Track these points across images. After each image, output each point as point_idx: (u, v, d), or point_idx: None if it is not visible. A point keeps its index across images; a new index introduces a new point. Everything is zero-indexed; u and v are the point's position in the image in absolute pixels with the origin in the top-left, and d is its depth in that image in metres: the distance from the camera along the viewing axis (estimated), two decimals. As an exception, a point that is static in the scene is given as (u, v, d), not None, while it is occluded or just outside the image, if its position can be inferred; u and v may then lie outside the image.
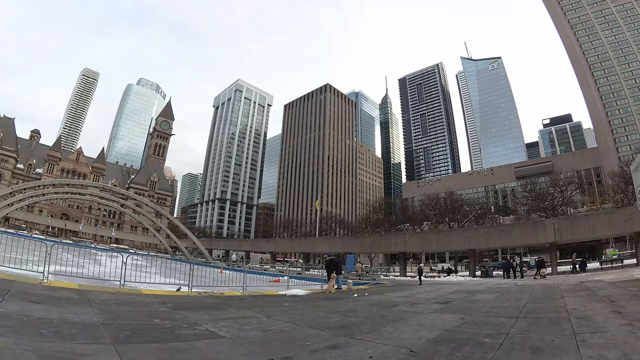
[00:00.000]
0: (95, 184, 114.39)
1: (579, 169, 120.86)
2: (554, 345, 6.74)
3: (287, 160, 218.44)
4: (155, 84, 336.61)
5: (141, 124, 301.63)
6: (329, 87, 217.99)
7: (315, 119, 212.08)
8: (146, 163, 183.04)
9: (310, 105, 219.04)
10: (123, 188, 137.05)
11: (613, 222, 45.99)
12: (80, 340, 6.04)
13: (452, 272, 61.33)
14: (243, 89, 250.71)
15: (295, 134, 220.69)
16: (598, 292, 15.84)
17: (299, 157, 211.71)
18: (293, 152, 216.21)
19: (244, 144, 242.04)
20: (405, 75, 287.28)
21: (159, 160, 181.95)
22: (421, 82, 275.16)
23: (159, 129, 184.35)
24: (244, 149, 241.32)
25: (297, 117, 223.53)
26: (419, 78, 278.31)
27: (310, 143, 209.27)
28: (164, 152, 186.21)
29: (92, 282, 14.98)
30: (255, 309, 12.27)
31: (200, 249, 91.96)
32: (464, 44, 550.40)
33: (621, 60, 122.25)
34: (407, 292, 21.79)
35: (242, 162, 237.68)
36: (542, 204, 75.57)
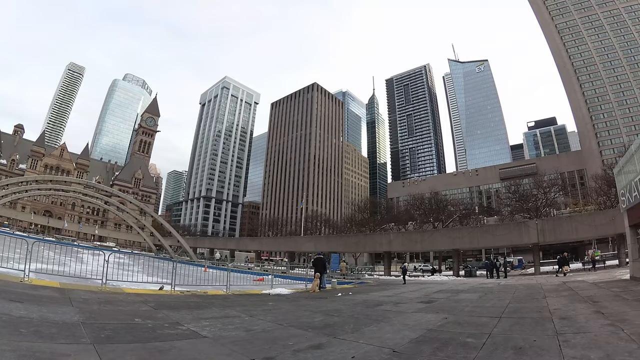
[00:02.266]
0: (79, 180, 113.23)
1: (562, 172, 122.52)
2: (536, 345, 6.78)
3: (273, 158, 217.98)
4: (142, 79, 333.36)
5: (126, 120, 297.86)
6: (316, 86, 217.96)
7: (302, 118, 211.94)
8: (131, 160, 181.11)
9: (297, 103, 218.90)
10: (107, 185, 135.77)
11: (596, 223, 46.72)
12: (60, 340, 5.95)
13: (436, 271, 61.71)
14: (230, 86, 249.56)
15: (281, 133, 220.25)
16: (580, 292, 16.01)
17: (285, 156, 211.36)
18: (279, 151, 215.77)
19: (230, 141, 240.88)
20: (393, 76, 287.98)
21: (144, 157, 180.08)
22: (408, 83, 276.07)
23: (145, 126, 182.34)
24: (229, 146, 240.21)
25: (284, 116, 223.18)
26: (406, 79, 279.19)
27: (296, 142, 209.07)
28: (149, 149, 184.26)
29: (74, 280, 14.75)
30: (238, 308, 12.20)
31: (185, 247, 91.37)
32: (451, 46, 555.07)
33: (607, 65, 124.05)
34: (391, 292, 21.85)
35: (228, 160, 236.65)
36: (526, 205, 76.46)
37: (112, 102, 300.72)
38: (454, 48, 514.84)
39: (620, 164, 23.98)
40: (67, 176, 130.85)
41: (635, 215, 19.98)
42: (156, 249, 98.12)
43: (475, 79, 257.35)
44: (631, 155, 19.95)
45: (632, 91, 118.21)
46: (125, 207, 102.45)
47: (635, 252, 21.09)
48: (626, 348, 6.16)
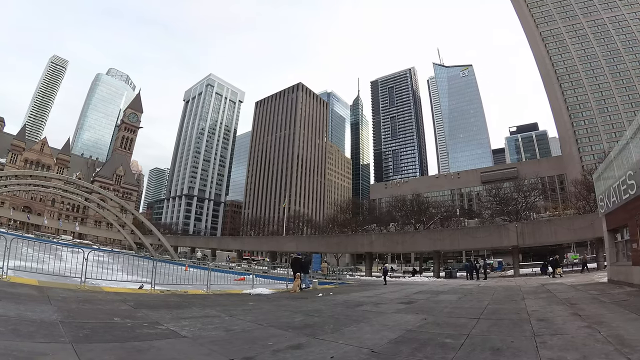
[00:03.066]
0: (59, 176, 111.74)
1: (543, 176, 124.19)
2: (514, 346, 6.88)
3: (256, 157, 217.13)
4: (126, 74, 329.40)
5: (109, 116, 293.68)
6: (301, 86, 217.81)
7: (286, 118, 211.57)
8: (112, 156, 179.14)
9: (282, 103, 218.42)
10: (88, 181, 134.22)
11: (575, 227, 47.59)
12: (38, 339, 5.91)
13: (417, 272, 62.06)
14: (215, 84, 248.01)
15: (265, 132, 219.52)
16: (558, 294, 16.23)
17: (268, 155, 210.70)
18: (263, 150, 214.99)
19: (213, 139, 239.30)
20: (378, 78, 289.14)
21: (126, 153, 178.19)
22: (393, 86, 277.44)
23: (127, 122, 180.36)
24: (213, 145, 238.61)
25: (268, 115, 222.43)
26: (391, 81, 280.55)
27: (280, 141, 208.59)
28: (131, 146, 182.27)
29: (53, 278, 14.55)
30: (218, 308, 12.16)
31: (166, 246, 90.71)
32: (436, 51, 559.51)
33: (589, 73, 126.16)
34: (372, 292, 21.92)
35: (211, 158, 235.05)
36: (506, 208, 77.38)
37: (95, 97, 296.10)
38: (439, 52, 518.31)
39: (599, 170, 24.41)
40: (47, 171, 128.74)
41: (613, 220, 20.37)
42: (137, 247, 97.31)
43: (459, 83, 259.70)
44: (610, 161, 20.33)
45: (613, 99, 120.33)
46: (106, 204, 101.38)
47: (613, 256, 21.48)
48: (603, 350, 6.27)
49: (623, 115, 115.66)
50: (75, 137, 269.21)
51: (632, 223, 16.56)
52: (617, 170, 18.64)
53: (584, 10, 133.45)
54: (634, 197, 15.93)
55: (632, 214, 16.49)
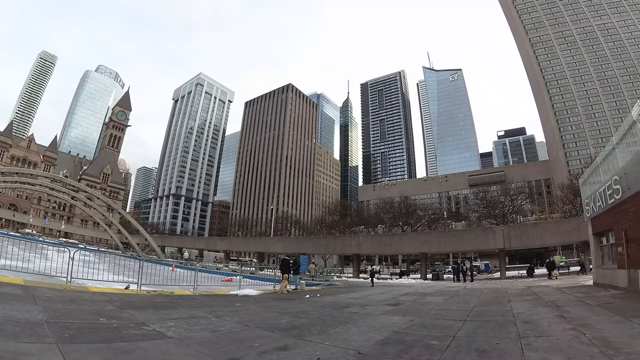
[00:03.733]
0: (46, 174, 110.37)
1: (530, 180, 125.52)
2: (499, 348, 6.92)
3: (245, 158, 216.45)
4: (115, 72, 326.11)
5: (97, 113, 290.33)
6: (291, 87, 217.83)
7: (276, 118, 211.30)
8: (100, 154, 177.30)
9: (272, 104, 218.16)
10: (75, 179, 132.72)
11: (561, 231, 48.21)
12: (23, 339, 5.86)
13: (404, 274, 62.23)
14: (204, 83, 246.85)
15: (254, 132, 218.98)
16: (544, 297, 16.36)
17: (257, 156, 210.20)
18: (251, 150, 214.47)
19: (202, 139, 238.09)
20: (368, 81, 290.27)
21: (114, 151, 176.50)
22: (383, 88, 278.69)
23: (115, 119, 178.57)
24: (201, 144, 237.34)
25: (258, 115, 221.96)
26: (381, 84, 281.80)
27: (269, 142, 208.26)
28: (119, 144, 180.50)
29: (39, 277, 14.40)
30: (205, 308, 12.10)
31: (152, 245, 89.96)
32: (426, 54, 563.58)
33: (577, 79, 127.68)
34: (359, 294, 21.95)
35: (199, 158, 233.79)
36: (493, 211, 77.96)
37: (83, 94, 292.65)
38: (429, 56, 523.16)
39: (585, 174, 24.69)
40: (34, 169, 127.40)
41: (599, 224, 20.62)
42: (123, 247, 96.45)
43: (448, 87, 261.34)
44: (597, 166, 20.57)
45: (600, 105, 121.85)
46: (93, 203, 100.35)
47: (598, 259, 21.73)
48: (587, 352, 6.33)
49: (610, 121, 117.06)
50: (63, 135, 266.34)
51: (618, 227, 16.78)
52: (603, 175, 18.87)
53: (574, 18, 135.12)
54: (619, 201, 16.14)
55: (617, 218, 16.71)
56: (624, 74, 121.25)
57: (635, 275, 14.46)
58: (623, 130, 16.19)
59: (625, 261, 15.62)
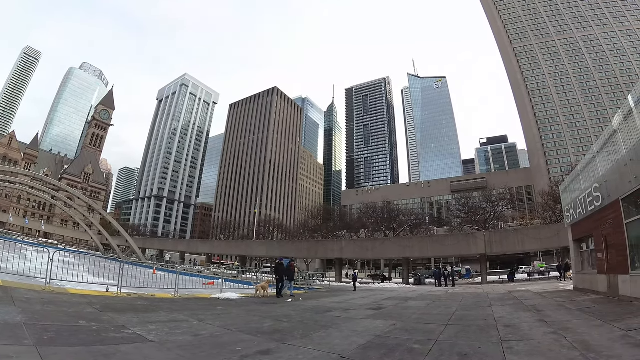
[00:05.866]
0: (26, 172, 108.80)
1: (511, 187, 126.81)
2: (481, 352, 6.98)
3: (228, 160, 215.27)
4: (99, 70, 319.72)
5: (80, 111, 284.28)
6: (277, 91, 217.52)
7: (260, 121, 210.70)
8: (81, 153, 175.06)
9: (256, 106, 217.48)
10: (55, 178, 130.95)
11: (541, 237, 48.76)
12: (1, 341, 5.78)
13: (387, 279, 62.45)
14: (189, 84, 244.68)
15: (238, 135, 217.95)
16: (525, 301, 16.58)
17: (240, 159, 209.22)
18: (235, 153, 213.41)
19: (185, 140, 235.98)
20: (353, 86, 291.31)
21: (96, 151, 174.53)
22: (367, 94, 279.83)
23: (98, 118, 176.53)
24: (185, 146, 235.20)
25: (242, 118, 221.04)
26: (366, 90, 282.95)
27: (253, 145, 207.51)
28: (101, 143, 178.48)
29: (17, 278, 14.15)
30: (186, 312, 12.01)
31: (133, 247, 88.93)
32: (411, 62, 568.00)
33: (559, 89, 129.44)
34: (341, 298, 21.99)
35: (182, 160, 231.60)
36: (475, 217, 78.56)
37: (67, 91, 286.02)
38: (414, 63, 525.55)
39: (566, 182, 25.04)
40: (14, 167, 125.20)
41: (579, 230, 20.94)
42: (104, 248, 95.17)
43: (432, 94, 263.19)
44: (577, 174, 20.88)
45: (582, 114, 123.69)
46: (73, 203, 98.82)
47: (578, 265, 22.05)
48: (568, 355, 6.41)
49: (591, 130, 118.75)
50: (45, 132, 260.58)
51: (597, 233, 17.04)
52: (584, 182, 19.16)
53: (557, 29, 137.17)
54: (599, 208, 16.40)
55: (597, 225, 16.97)
56: (606, 84, 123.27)
57: (615, 280, 14.70)
58: (604, 139, 16.47)
59: (605, 267, 15.87)
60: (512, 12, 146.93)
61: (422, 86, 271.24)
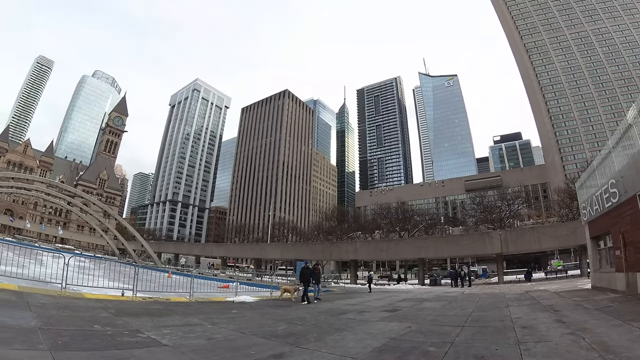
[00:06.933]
0: (42, 179, 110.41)
1: (526, 184, 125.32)
2: (498, 354, 6.88)
3: (241, 164, 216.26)
4: (111, 77, 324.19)
5: (94, 118, 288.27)
6: (288, 93, 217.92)
7: (272, 124, 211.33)
8: (96, 160, 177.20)
9: (268, 110, 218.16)
10: (71, 185, 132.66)
11: (558, 235, 47.94)
12: (15, 346, 5.82)
13: (402, 280, 62.11)
14: (201, 88, 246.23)
15: (251, 138, 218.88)
16: (542, 301, 16.31)
17: (253, 162, 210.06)
18: (248, 156, 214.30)
19: (198, 145, 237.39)
20: (364, 87, 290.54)
21: (110, 157, 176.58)
22: (379, 94, 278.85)
23: (112, 125, 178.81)
24: (198, 150, 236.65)
25: (254, 121, 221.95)
26: (377, 90, 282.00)
27: (265, 148, 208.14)
28: (116, 149, 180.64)
29: (33, 283, 14.32)
30: (200, 315, 12.02)
31: (149, 252, 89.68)
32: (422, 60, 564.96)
33: (572, 84, 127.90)
34: (356, 300, 21.87)
35: (196, 164, 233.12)
36: (490, 216, 77.78)
37: (80, 99, 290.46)
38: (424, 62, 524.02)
39: (582, 178, 24.69)
40: (30, 174, 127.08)
41: (596, 227, 20.60)
42: (119, 253, 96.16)
43: (444, 93, 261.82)
44: (593, 170, 20.57)
45: (595, 109, 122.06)
46: (89, 209, 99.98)
47: (596, 263, 21.69)
48: (586, 357, 6.28)
49: (605, 125, 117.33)
50: (59, 140, 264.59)
51: (615, 230, 16.76)
52: (600, 178, 18.86)
53: (568, 23, 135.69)
54: (616, 205, 16.12)
55: (614, 222, 16.69)
56: (619, 78, 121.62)
57: (634, 278, 14.42)
58: (619, 134, 16.20)
59: (623, 264, 15.59)
60: (521, 7, 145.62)
61: (433, 85, 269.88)
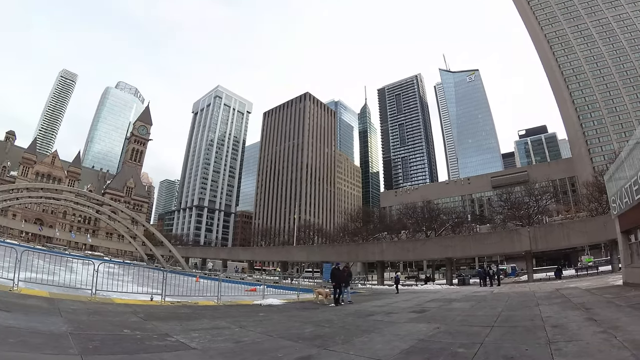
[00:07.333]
0: (70, 188, 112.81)
1: (553, 179, 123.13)
2: (528, 354, 6.76)
3: (265, 168, 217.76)
4: (134, 87, 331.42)
5: (118, 128, 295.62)
6: (309, 96, 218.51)
7: (295, 127, 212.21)
8: (122, 168, 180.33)
9: (290, 113, 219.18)
10: (99, 193, 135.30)
11: (588, 230, 46.69)
12: (47, 351, 5.91)
13: (430, 280, 61.62)
14: (223, 95, 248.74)
15: (274, 142, 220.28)
16: (573, 299, 15.96)
17: (277, 165, 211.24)
18: (272, 160, 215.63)
19: (222, 150, 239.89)
20: (385, 86, 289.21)
21: (136, 165, 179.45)
22: (400, 93, 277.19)
23: (137, 134, 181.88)
24: (222, 155, 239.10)
25: (277, 125, 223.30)
26: (398, 89, 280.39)
27: (289, 151, 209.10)
28: (141, 158, 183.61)
29: (64, 290, 14.64)
30: (228, 319, 12.10)
31: (176, 257, 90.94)
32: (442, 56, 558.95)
33: (596, 73, 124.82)
34: (383, 301, 21.77)
35: (221, 169, 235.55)
36: (518, 212, 76.54)
37: (105, 110, 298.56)
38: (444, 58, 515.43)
39: (610, 170, 24.13)
40: (58, 184, 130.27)
41: (626, 221, 20.07)
42: (148, 258, 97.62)
43: (466, 88, 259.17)
44: (621, 162, 20.06)
45: (621, 98, 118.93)
46: (117, 216, 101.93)
47: (627, 258, 21.12)
48: (618, 356, 6.14)
49: (632, 114, 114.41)
50: (86, 150, 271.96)
51: (646, 224, 16.33)
52: (629, 170, 18.39)
53: (588, 10, 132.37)
54: (647, 197, 15.70)
55: (646, 215, 16.26)
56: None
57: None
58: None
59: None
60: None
61: (454, 81, 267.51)
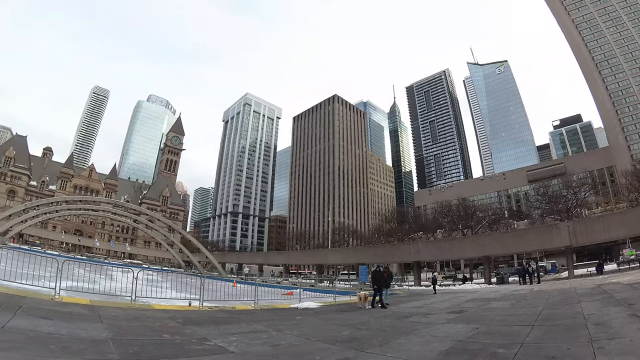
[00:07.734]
0: (108, 200, 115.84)
1: (591, 170, 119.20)
2: (569, 354, 6.61)
3: (297, 172, 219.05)
4: (165, 100, 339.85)
5: (152, 140, 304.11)
6: (337, 98, 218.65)
7: (324, 130, 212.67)
8: (158, 178, 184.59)
9: (319, 116, 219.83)
10: (135, 203, 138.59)
11: (627, 221, 44.53)
12: (88, 356, 6.06)
13: (468, 279, 60.75)
14: (252, 102, 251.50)
15: (304, 146, 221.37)
16: (615, 295, 15.50)
17: (309, 169, 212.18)
18: (303, 164, 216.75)
19: (254, 157, 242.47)
20: (413, 83, 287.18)
21: (171, 175, 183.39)
22: (428, 89, 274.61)
23: (170, 145, 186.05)
24: (254, 162, 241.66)
25: (306, 129, 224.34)
26: (426, 85, 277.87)
27: (320, 154, 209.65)
28: (175, 167, 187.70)
29: (104, 297, 15.04)
30: (265, 322, 12.19)
31: (213, 262, 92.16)
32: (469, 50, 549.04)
33: (628, 57, 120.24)
34: (420, 302, 21.61)
35: (253, 175, 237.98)
36: (556, 206, 74.64)
37: (138, 123, 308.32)
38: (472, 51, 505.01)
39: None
40: (96, 196, 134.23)
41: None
42: (185, 265, 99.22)
43: (496, 80, 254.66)
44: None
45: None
46: (154, 225, 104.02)
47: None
48: (661, 353, 5.95)
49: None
50: (122, 162, 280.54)
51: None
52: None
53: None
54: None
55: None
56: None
57: None
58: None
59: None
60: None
61: (484, 74, 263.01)
